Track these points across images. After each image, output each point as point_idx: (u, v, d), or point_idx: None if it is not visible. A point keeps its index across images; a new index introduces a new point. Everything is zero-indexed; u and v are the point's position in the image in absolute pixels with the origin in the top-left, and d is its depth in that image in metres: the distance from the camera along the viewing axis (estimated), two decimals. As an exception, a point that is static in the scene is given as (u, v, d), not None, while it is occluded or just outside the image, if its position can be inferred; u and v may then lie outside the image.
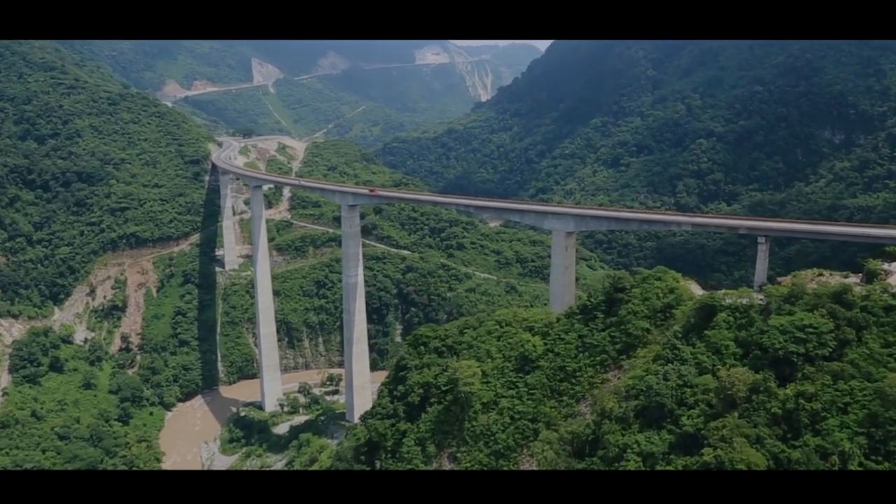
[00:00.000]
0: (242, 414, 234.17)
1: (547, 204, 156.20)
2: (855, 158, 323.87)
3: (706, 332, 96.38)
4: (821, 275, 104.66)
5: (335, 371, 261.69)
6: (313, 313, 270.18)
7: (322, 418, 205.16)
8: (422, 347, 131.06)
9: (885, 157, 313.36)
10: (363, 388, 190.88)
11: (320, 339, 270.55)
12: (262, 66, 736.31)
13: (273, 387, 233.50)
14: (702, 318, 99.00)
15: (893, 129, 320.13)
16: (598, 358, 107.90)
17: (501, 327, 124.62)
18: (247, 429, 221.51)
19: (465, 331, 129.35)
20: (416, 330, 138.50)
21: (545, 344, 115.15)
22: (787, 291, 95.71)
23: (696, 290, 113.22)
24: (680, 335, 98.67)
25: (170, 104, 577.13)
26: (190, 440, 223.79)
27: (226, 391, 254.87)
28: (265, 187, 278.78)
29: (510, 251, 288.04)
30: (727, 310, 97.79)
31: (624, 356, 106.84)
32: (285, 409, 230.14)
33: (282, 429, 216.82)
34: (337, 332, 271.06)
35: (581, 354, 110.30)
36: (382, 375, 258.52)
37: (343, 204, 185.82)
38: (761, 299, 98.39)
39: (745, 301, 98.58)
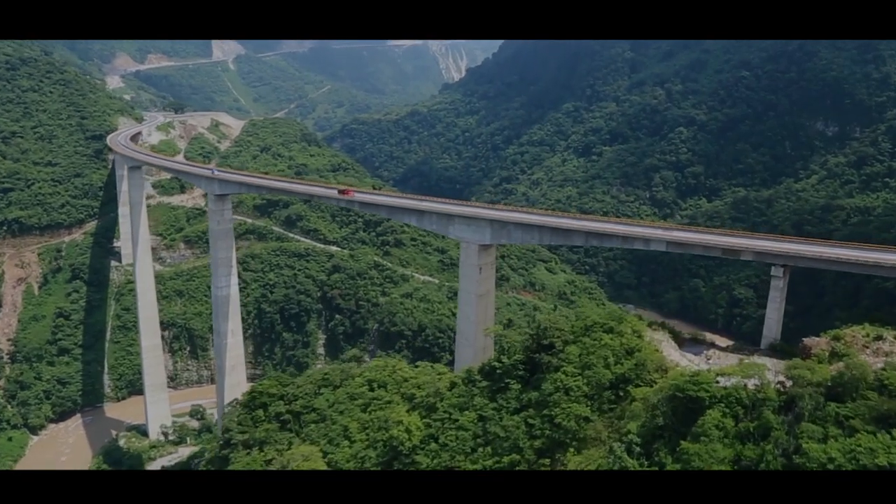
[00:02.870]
0: (121, 442, 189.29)
1: (454, 202, 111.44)
2: (851, 153, 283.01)
3: (685, 443, 52.63)
4: (879, 338, 60.61)
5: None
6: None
7: (196, 460, 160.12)
8: (260, 411, 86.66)
9: (886, 152, 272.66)
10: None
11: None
12: (223, 41, 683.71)
13: (158, 410, 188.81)
14: (678, 414, 55.07)
15: (894, 121, 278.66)
16: (504, 459, 64.16)
17: (371, 390, 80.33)
18: (116, 465, 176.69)
19: (323, 389, 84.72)
20: (257, 384, 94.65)
21: (428, 426, 71.08)
22: (832, 378, 51.80)
23: (670, 352, 69.08)
24: (638, 444, 54.62)
25: (118, 78, 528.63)
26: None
27: (111, 409, 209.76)
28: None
29: (457, 250, 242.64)
30: (722, 403, 53.67)
31: (546, 459, 62.93)
32: (170, 437, 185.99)
33: (155, 466, 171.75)
34: (249, 341, 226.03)
35: (481, 451, 66.51)
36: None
37: (209, 193, 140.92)
38: (780, 383, 54.72)
39: (752, 384, 54.89)
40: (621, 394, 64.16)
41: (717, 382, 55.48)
